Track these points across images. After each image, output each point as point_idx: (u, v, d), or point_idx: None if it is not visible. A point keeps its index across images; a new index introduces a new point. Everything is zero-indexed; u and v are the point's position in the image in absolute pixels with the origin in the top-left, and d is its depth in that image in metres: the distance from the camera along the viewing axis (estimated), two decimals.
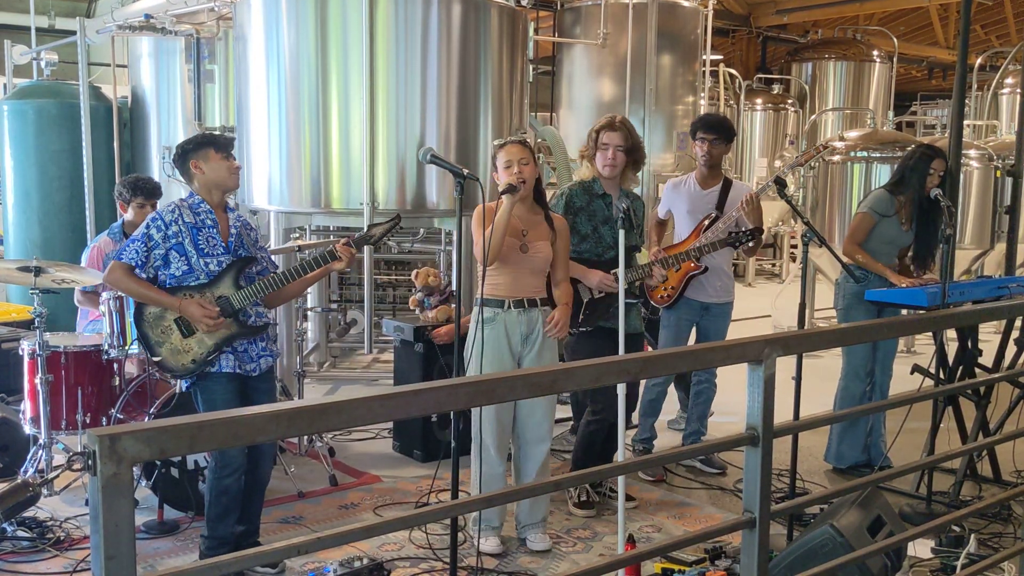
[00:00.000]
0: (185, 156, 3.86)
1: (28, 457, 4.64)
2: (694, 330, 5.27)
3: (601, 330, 4.48)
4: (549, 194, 4.63)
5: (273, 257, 4.22)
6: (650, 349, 6.27)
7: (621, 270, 3.88)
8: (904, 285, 4.85)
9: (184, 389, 4.01)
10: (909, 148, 5.31)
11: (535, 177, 4.05)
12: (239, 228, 3.96)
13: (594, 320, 4.47)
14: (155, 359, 3.84)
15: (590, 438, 4.63)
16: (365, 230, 4.07)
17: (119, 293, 4.33)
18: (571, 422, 5.95)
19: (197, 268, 3.81)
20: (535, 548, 4.13)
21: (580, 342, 4.54)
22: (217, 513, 3.85)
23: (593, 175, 4.54)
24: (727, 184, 5.11)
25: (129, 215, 5.16)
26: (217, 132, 4.02)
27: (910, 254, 5.16)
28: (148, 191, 5.20)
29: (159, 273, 3.81)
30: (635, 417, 5.41)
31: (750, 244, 4.83)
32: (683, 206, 5.13)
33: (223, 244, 3.86)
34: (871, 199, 5.11)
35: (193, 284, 3.80)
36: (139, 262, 3.77)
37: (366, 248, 6.25)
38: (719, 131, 5.08)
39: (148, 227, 3.80)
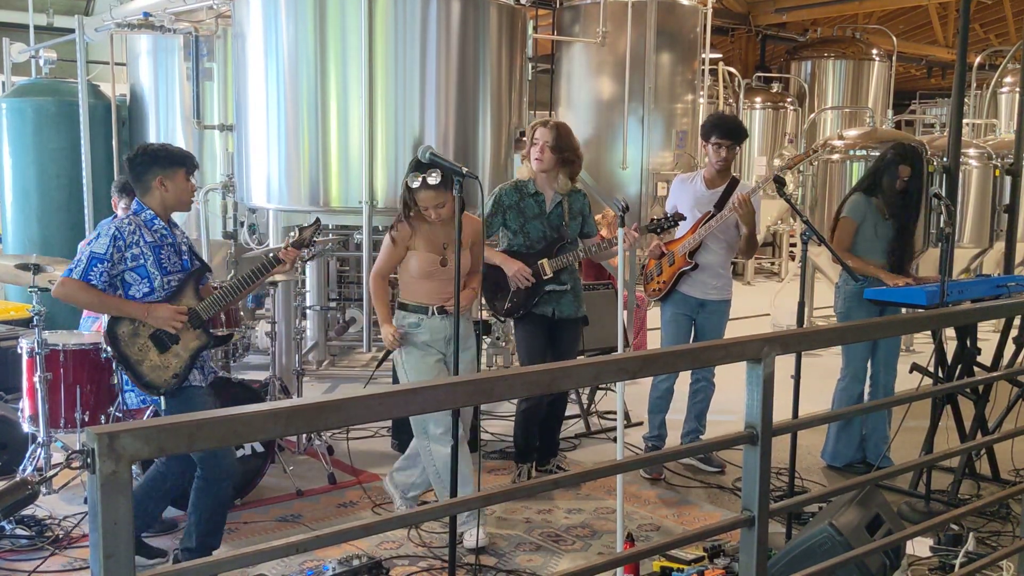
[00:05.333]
0: (150, 168, 3.67)
1: (27, 455, 4.64)
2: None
3: (535, 316, 4.75)
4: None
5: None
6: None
7: (621, 267, 3.88)
8: (900, 284, 4.85)
9: (162, 408, 3.79)
10: (883, 150, 5.26)
11: (451, 211, 3.92)
12: (188, 243, 3.89)
13: (519, 308, 4.74)
14: (140, 381, 3.67)
15: (527, 417, 4.89)
16: (297, 234, 4.06)
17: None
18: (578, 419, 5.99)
19: (158, 288, 3.70)
20: (469, 546, 4.07)
21: (516, 327, 4.89)
22: (213, 527, 3.76)
23: (530, 175, 4.79)
24: (732, 184, 5.10)
25: (120, 214, 5.14)
26: (182, 149, 3.84)
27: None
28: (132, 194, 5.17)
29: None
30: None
31: (669, 229, 4.93)
32: (687, 202, 5.13)
33: (180, 261, 3.77)
34: (850, 206, 5.12)
35: (155, 301, 3.69)
36: (103, 285, 3.61)
37: (365, 247, 6.26)
38: (737, 136, 5.04)
39: (110, 247, 3.60)
